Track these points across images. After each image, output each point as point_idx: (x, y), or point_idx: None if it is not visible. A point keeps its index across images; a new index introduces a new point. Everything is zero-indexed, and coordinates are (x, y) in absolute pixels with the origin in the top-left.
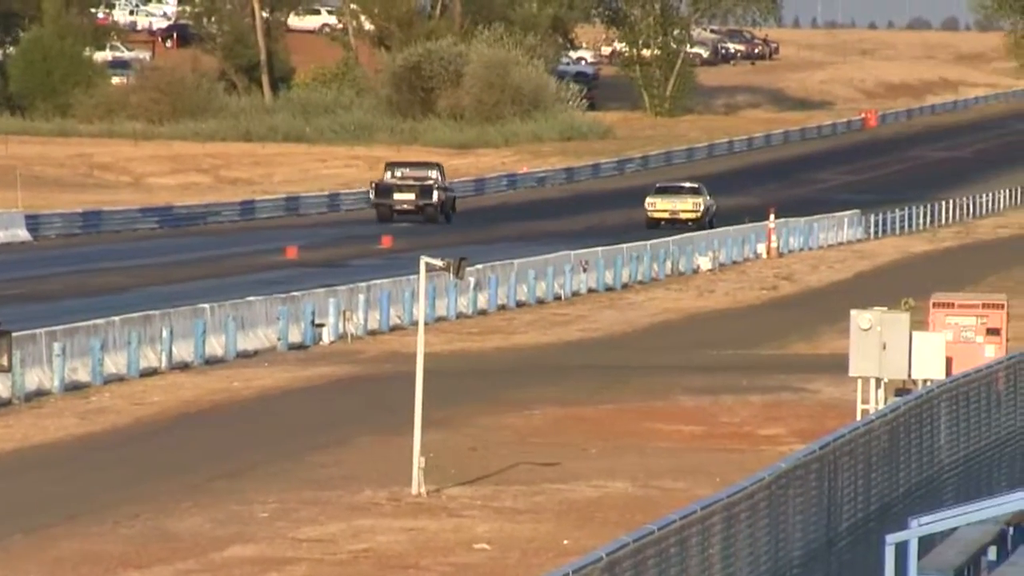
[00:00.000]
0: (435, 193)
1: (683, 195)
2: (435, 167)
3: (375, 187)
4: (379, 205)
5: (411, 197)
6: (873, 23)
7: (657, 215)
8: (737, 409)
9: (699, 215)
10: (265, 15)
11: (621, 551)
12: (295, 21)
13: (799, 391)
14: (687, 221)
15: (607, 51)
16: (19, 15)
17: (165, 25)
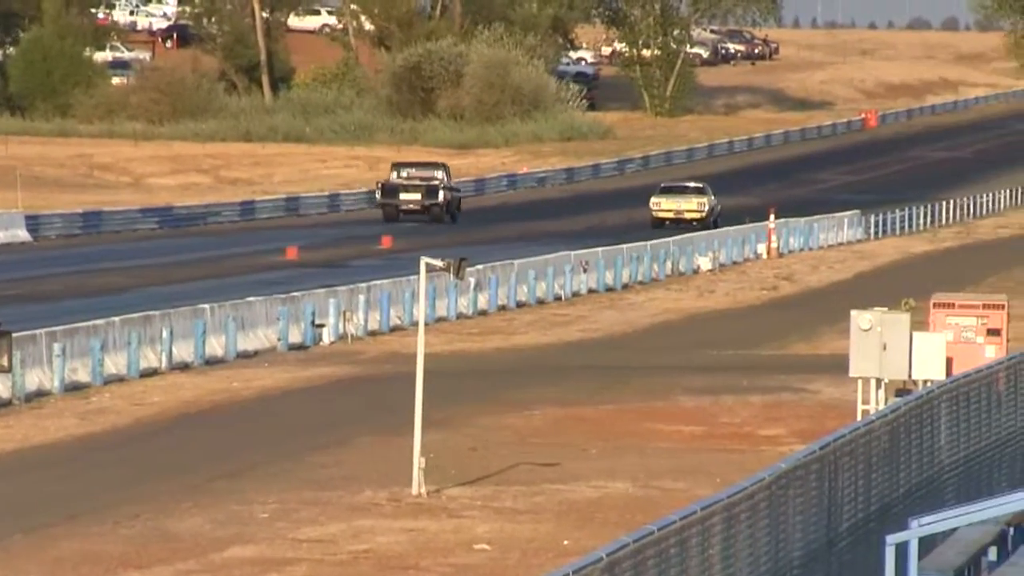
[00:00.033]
0: (441, 193)
1: (688, 195)
2: (441, 167)
3: (381, 187)
4: (385, 205)
5: (417, 197)
6: (873, 23)
7: (662, 215)
8: (737, 409)
9: (704, 215)
10: (265, 15)
11: (621, 551)
12: (295, 21)
13: (799, 391)
14: (692, 221)
15: (607, 51)
16: (19, 15)
17: (165, 25)
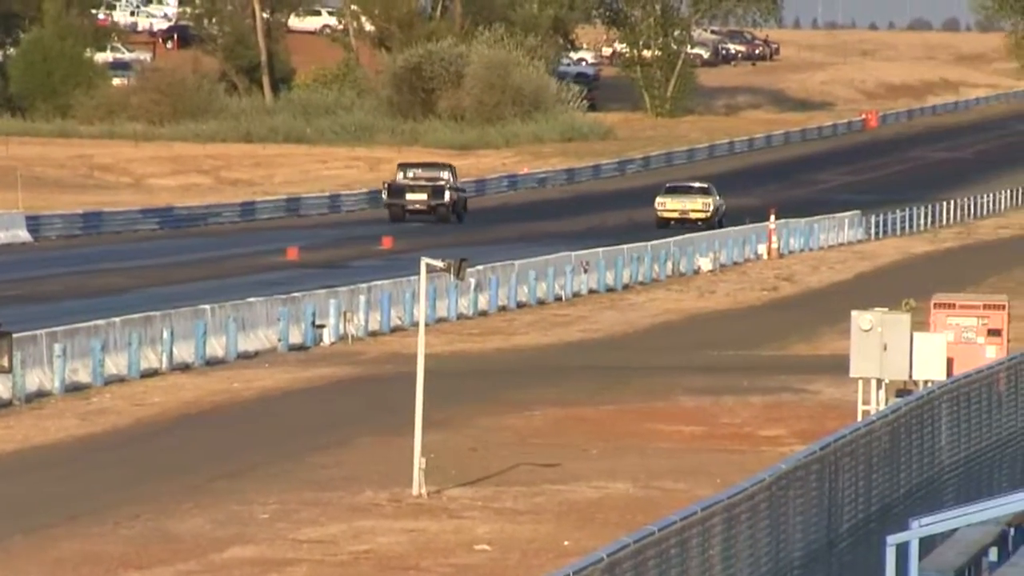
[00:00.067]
0: (447, 193)
1: (693, 195)
2: (447, 168)
3: (388, 187)
4: (391, 205)
5: (423, 197)
6: (874, 24)
7: (667, 215)
8: (738, 410)
9: (709, 215)
10: (266, 16)
11: (622, 552)
12: (295, 22)
13: (800, 392)
14: (697, 221)
15: (608, 52)
16: (20, 16)
17: (166, 26)
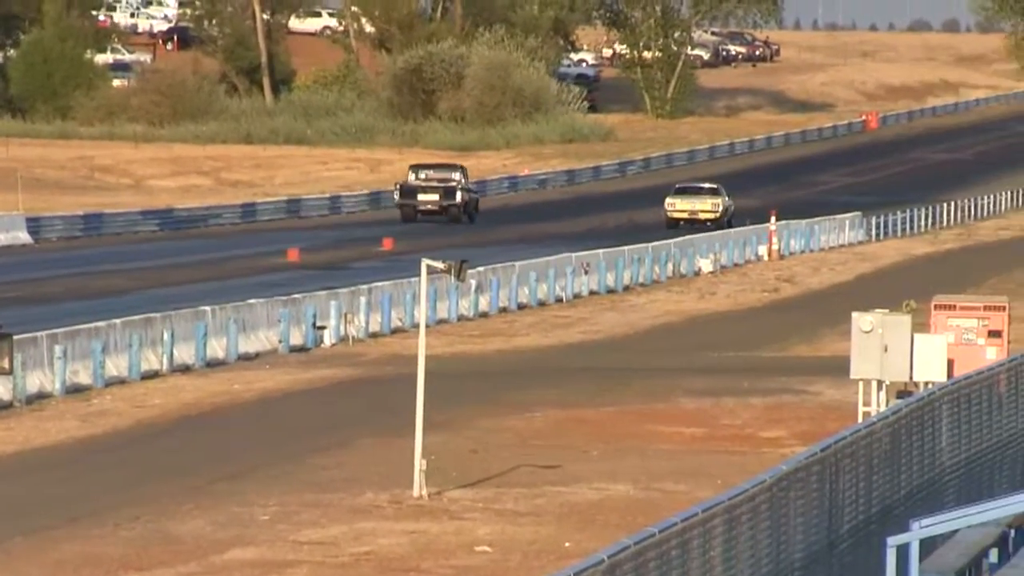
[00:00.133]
0: (458, 194)
1: (702, 195)
2: (458, 169)
3: (399, 188)
4: (403, 206)
5: (435, 198)
6: (874, 25)
7: (677, 215)
8: (738, 411)
9: (718, 215)
10: (266, 17)
11: (622, 553)
12: (296, 23)
13: (800, 393)
14: (706, 221)
15: (608, 53)
16: (20, 17)
17: (166, 28)
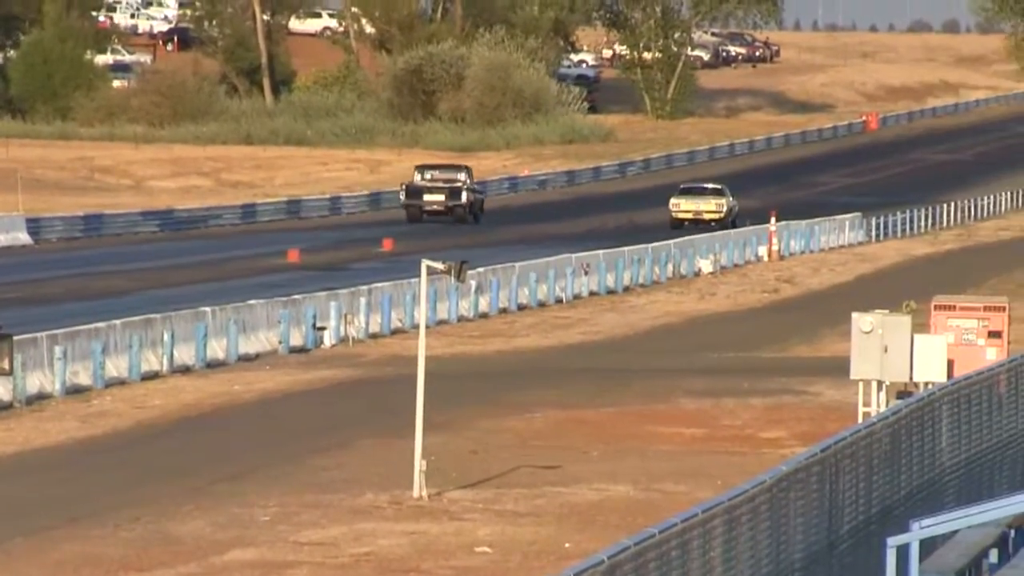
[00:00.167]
0: (464, 194)
1: (707, 196)
2: (464, 169)
3: (405, 188)
4: (409, 206)
5: (441, 198)
6: (874, 26)
7: (681, 215)
8: (738, 412)
9: (722, 215)
10: (266, 18)
11: (622, 554)
12: (296, 24)
13: (800, 394)
14: (710, 222)
15: (608, 54)
16: (20, 18)
17: (166, 28)
